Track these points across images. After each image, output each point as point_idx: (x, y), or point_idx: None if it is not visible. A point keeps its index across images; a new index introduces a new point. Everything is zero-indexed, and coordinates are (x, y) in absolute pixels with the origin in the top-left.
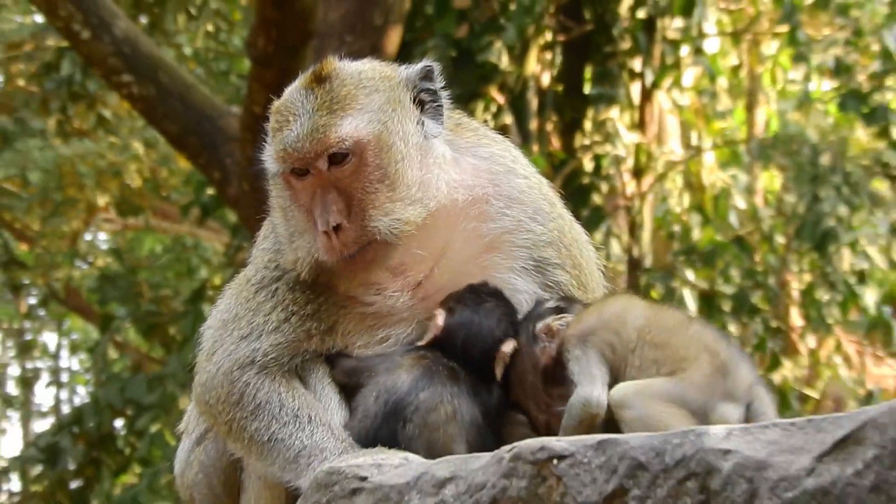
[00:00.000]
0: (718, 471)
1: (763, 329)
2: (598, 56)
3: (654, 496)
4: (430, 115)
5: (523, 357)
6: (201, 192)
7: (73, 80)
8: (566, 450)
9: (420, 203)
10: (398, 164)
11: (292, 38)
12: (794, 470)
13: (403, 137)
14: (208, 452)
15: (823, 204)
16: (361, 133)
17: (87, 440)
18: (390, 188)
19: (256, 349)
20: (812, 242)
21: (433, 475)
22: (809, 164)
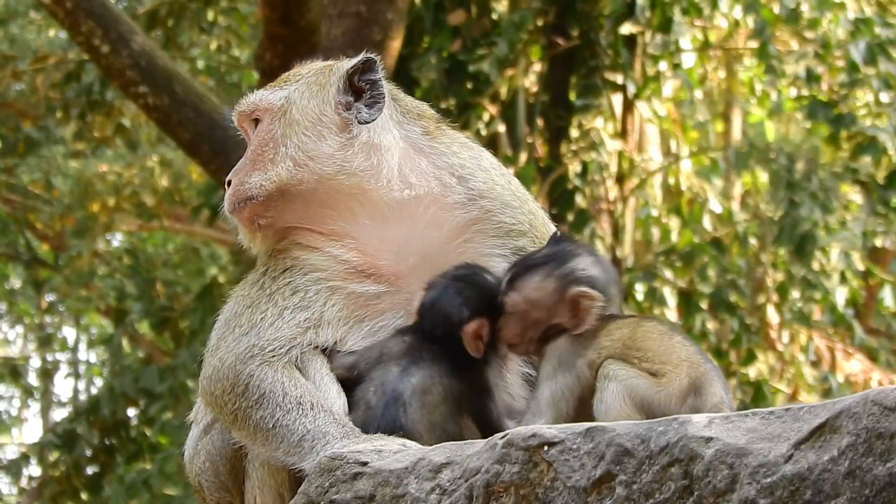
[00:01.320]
0: (701, 457)
1: (739, 326)
2: (582, 69)
3: (640, 481)
4: (366, 103)
5: (545, 296)
6: (212, 196)
7: (93, 90)
8: (556, 437)
9: (305, 168)
10: (287, 130)
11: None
12: (772, 456)
13: (302, 110)
14: (214, 441)
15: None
16: (264, 101)
17: (102, 427)
18: (274, 150)
19: (256, 343)
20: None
21: (430, 461)
22: (785, 171)
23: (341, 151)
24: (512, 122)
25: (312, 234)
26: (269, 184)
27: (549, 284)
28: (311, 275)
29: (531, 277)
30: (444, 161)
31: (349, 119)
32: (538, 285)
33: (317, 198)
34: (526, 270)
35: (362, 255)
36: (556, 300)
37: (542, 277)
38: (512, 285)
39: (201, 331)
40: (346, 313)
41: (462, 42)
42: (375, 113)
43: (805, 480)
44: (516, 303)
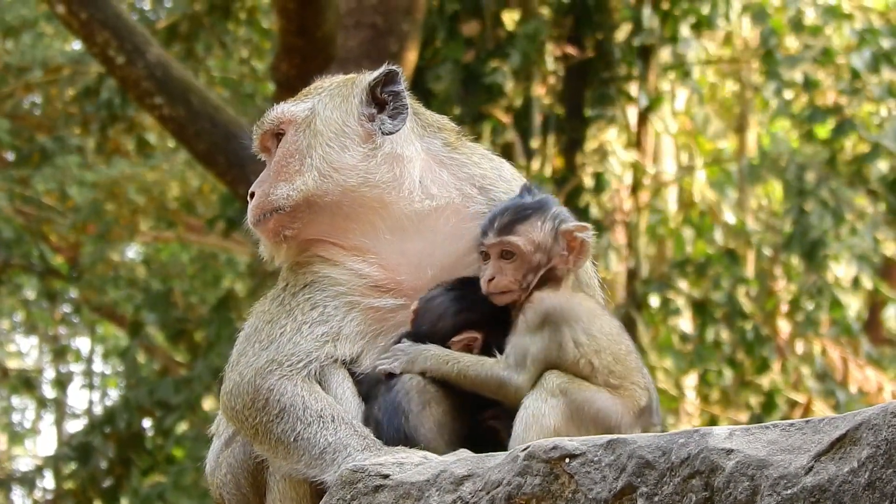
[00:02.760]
0: (722, 469)
1: (754, 336)
2: (596, 81)
3: (661, 493)
4: (390, 114)
5: (546, 237)
6: (228, 207)
7: (113, 104)
8: (578, 449)
9: (330, 179)
10: (312, 141)
11: (314, 63)
12: (793, 468)
13: (326, 121)
14: (236, 454)
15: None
16: (287, 114)
17: (117, 440)
18: (300, 162)
19: (275, 358)
20: (800, 253)
21: (452, 473)
22: (796, 180)
23: (364, 162)
24: (525, 133)
25: (335, 247)
26: (296, 194)
27: (547, 226)
28: (330, 290)
29: (530, 221)
30: (466, 172)
31: (373, 130)
32: (539, 227)
33: (341, 211)
34: (521, 216)
35: (383, 270)
36: (554, 240)
37: (540, 220)
38: (511, 230)
39: (217, 342)
40: (365, 328)
41: (476, 53)
42: (399, 124)
43: (825, 492)
44: (521, 246)
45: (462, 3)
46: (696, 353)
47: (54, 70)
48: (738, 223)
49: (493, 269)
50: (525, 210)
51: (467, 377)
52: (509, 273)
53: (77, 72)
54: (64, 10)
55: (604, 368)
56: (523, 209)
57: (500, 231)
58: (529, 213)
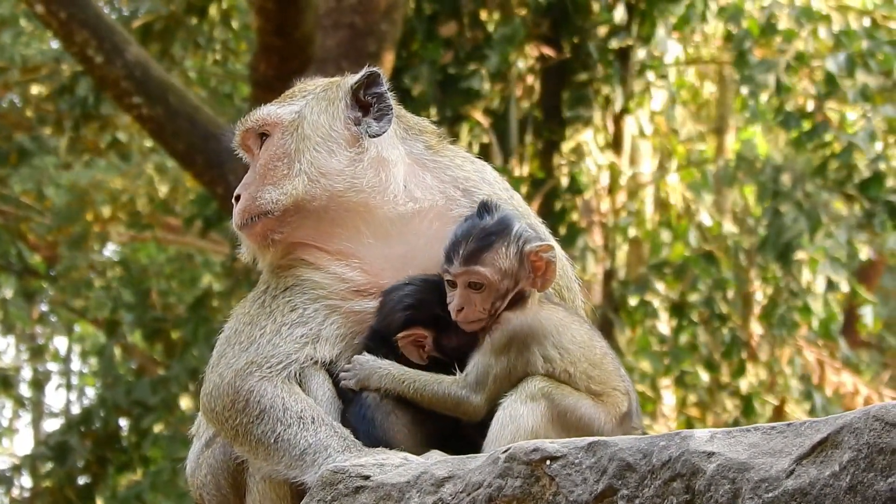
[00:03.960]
0: (703, 472)
1: (731, 338)
2: (574, 82)
3: (642, 496)
4: (375, 117)
5: (511, 263)
6: (206, 207)
7: (87, 103)
8: (559, 451)
9: (318, 184)
10: (299, 145)
11: (292, 63)
12: (774, 471)
13: (314, 125)
14: (216, 455)
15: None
16: (274, 115)
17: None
18: (288, 166)
19: (254, 360)
20: (774, 254)
21: (432, 474)
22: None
23: (351, 167)
24: (503, 134)
25: (319, 251)
26: (285, 199)
27: (512, 250)
28: (310, 293)
29: (494, 248)
30: (449, 175)
31: (359, 134)
32: (504, 253)
33: (328, 216)
34: (485, 243)
35: (366, 274)
36: (520, 264)
37: (504, 245)
38: (477, 259)
39: (194, 342)
40: (345, 330)
41: (454, 54)
42: (385, 126)
43: (807, 496)
44: (489, 276)
45: (440, 4)
46: (672, 355)
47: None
48: (714, 225)
49: (461, 299)
50: (489, 236)
51: (424, 396)
52: (478, 303)
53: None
54: (43, 10)
55: (582, 375)
56: (487, 235)
57: (466, 260)
58: (493, 240)
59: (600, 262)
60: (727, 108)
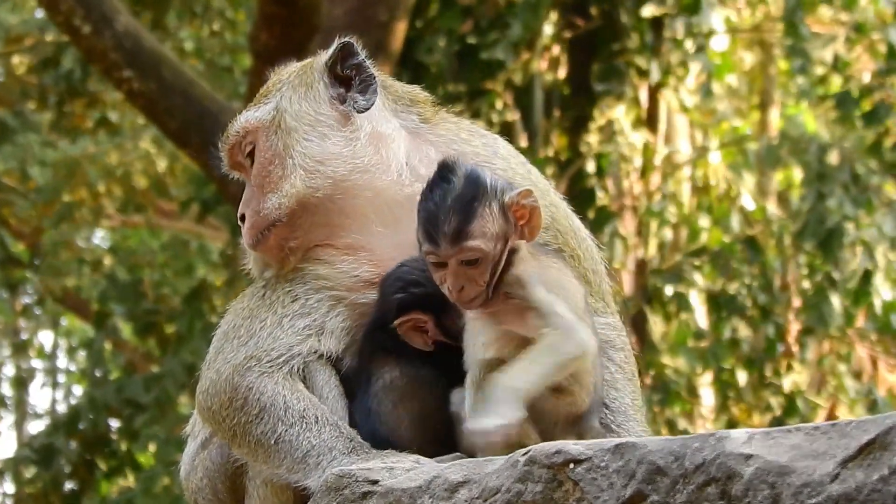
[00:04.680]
0: (739, 476)
1: (774, 332)
2: (604, 53)
3: (674, 502)
4: (359, 90)
5: (498, 223)
6: (202, 189)
7: (73, 76)
8: (583, 453)
9: (317, 174)
10: (287, 141)
11: (295, 34)
12: (817, 475)
13: (296, 115)
14: (213, 457)
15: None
16: (252, 121)
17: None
18: (281, 166)
19: (254, 354)
20: (815, 240)
21: (446, 479)
22: (816, 162)
23: (349, 147)
24: (528, 111)
25: (328, 248)
26: (287, 200)
27: (494, 209)
28: (312, 283)
29: (478, 214)
30: (455, 149)
31: (347, 111)
32: (489, 216)
33: (335, 206)
34: (468, 213)
35: (375, 266)
36: (505, 220)
37: (486, 207)
38: (466, 234)
39: (190, 336)
40: (351, 323)
41: (473, 23)
42: (371, 96)
43: (853, 501)
44: (483, 248)
45: None
46: (710, 351)
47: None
48: (757, 209)
49: (457, 278)
50: (469, 203)
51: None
52: (476, 277)
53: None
54: None
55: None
56: (466, 203)
57: (455, 238)
58: (475, 206)
59: (632, 250)
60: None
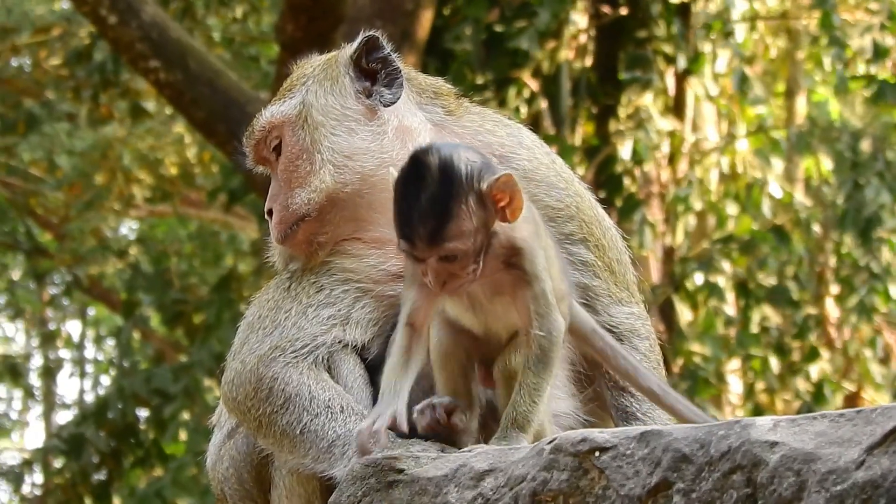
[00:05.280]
0: (765, 463)
1: (802, 320)
2: (631, 41)
3: (699, 489)
4: (385, 84)
5: (478, 214)
6: (230, 179)
7: (106, 68)
8: (608, 441)
9: (346, 168)
10: (314, 135)
11: (322, 23)
12: (843, 462)
13: (323, 110)
14: (239, 447)
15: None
16: (277, 116)
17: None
18: (309, 161)
19: (279, 344)
20: (855, 230)
21: (471, 467)
22: (850, 151)
23: (376, 142)
24: (555, 99)
25: (355, 242)
26: (316, 195)
27: (471, 203)
28: (339, 275)
29: (454, 212)
30: (480, 140)
31: (373, 105)
32: (466, 211)
33: (364, 200)
34: (444, 210)
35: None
36: (483, 209)
37: (462, 201)
38: (443, 235)
39: (218, 326)
40: (378, 314)
41: (500, 12)
42: (397, 90)
43: (878, 488)
44: (461, 247)
45: None
46: (738, 339)
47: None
48: (785, 196)
49: (437, 274)
50: (444, 201)
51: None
52: (458, 271)
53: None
54: None
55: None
56: (441, 200)
57: (431, 241)
58: (451, 204)
59: (660, 237)
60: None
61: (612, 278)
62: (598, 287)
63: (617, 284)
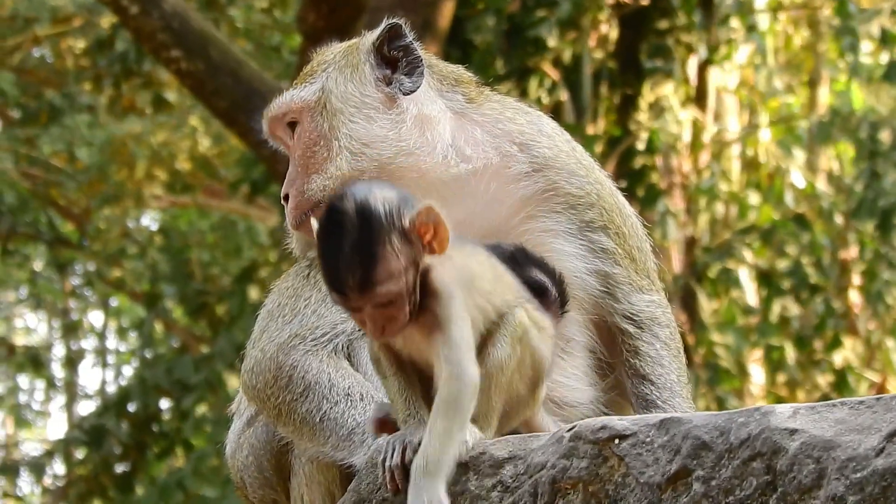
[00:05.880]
0: (785, 450)
1: (824, 309)
2: (653, 30)
3: (719, 477)
4: (405, 72)
5: (404, 253)
6: (251, 170)
7: (127, 58)
8: (628, 429)
9: (363, 156)
10: (333, 122)
11: (344, 13)
12: (862, 450)
13: (342, 97)
14: (258, 435)
15: (884, 180)
16: (297, 101)
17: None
18: (326, 148)
19: (299, 332)
20: (872, 219)
21: (491, 455)
22: (869, 140)
23: (394, 130)
24: (576, 89)
25: None
26: (332, 182)
27: (395, 242)
28: None
29: (381, 255)
30: (500, 128)
31: (393, 93)
32: (391, 253)
33: None
34: (368, 256)
35: None
36: (409, 246)
37: (387, 242)
38: (372, 281)
39: (240, 316)
40: None
41: (521, 2)
42: (418, 79)
43: None
44: (394, 290)
45: None
46: (758, 329)
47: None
48: (807, 186)
49: (375, 321)
50: (367, 248)
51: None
52: (395, 313)
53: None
54: None
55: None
56: (365, 249)
57: (362, 289)
58: (375, 249)
59: (682, 227)
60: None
61: (633, 266)
62: (618, 275)
63: (638, 272)
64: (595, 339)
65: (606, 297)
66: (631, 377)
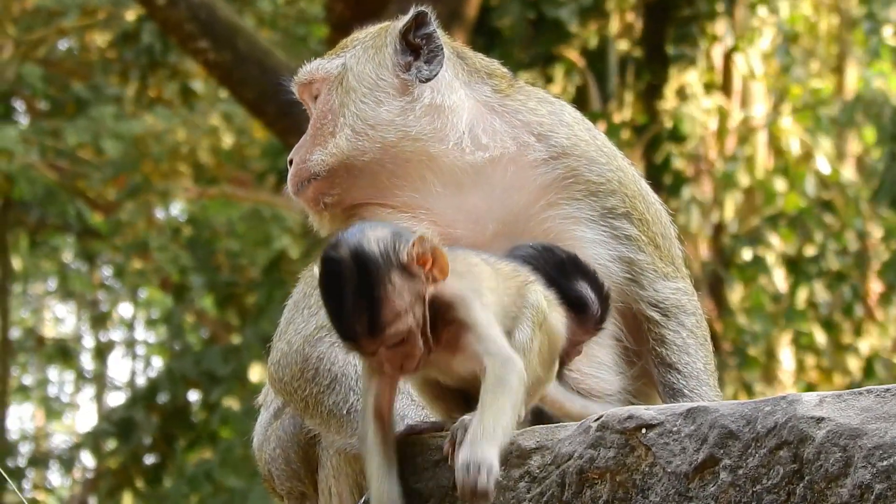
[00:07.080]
0: (811, 439)
1: (852, 295)
2: (678, 18)
3: (746, 466)
4: (426, 60)
5: (406, 287)
6: (278, 159)
7: (154, 50)
8: (655, 418)
9: (366, 136)
10: (344, 99)
11: (371, 2)
12: (889, 438)
13: (359, 76)
14: (285, 427)
15: None
16: (321, 71)
17: (161, 414)
18: (333, 123)
19: (325, 324)
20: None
21: (518, 445)
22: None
23: (402, 116)
24: (602, 76)
25: (382, 208)
26: (330, 158)
27: (396, 280)
28: None
29: (385, 298)
30: (520, 119)
31: (410, 80)
32: (394, 292)
33: (385, 169)
34: (375, 300)
35: (437, 226)
36: (411, 280)
37: (388, 283)
38: (381, 324)
39: (269, 307)
40: None
41: None
42: (436, 67)
43: None
44: (403, 328)
45: None
46: (786, 315)
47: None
48: (833, 172)
49: (392, 361)
50: (369, 292)
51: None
52: (411, 349)
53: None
54: None
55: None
56: (366, 291)
57: (371, 333)
58: (376, 292)
59: (709, 214)
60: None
61: (657, 253)
62: (642, 262)
63: (662, 259)
64: (621, 327)
65: (631, 283)
66: (657, 365)
